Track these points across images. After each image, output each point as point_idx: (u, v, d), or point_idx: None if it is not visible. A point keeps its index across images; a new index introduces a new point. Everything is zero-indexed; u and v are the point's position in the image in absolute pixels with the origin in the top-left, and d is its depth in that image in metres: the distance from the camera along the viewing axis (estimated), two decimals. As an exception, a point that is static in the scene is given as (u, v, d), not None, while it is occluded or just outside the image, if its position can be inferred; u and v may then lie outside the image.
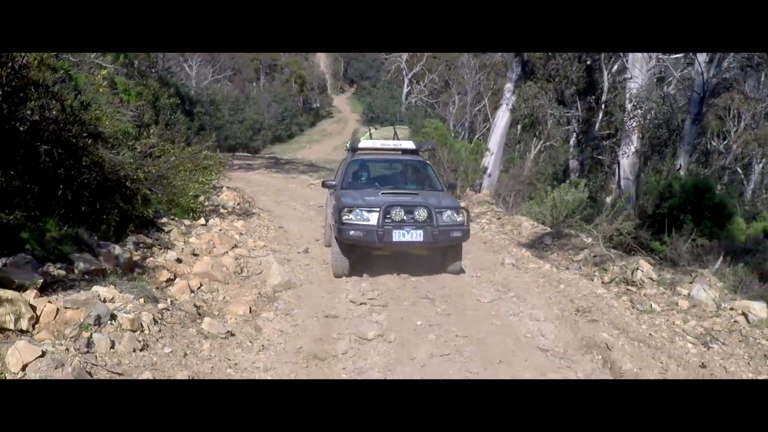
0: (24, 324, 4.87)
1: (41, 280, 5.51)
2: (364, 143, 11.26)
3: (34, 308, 4.99)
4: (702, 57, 12.69)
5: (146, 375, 4.44)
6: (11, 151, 7.37)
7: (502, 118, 19.47)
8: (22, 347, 4.31)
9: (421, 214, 8.87)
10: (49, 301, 5.11)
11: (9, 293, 4.98)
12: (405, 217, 8.89)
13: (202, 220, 10.48)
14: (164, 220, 9.76)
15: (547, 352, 5.78)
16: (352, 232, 8.81)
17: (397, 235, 8.78)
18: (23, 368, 4.20)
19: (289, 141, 50.94)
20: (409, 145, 11.24)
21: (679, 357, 5.59)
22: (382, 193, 9.45)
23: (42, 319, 4.96)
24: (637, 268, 8.65)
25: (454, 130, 40.63)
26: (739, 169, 22.73)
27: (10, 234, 6.66)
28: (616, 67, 17.45)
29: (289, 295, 7.44)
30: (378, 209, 8.86)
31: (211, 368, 4.93)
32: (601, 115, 17.00)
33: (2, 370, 4.16)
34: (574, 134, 18.29)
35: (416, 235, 8.82)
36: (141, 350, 4.85)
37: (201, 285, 7.03)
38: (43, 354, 4.32)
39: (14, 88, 6.91)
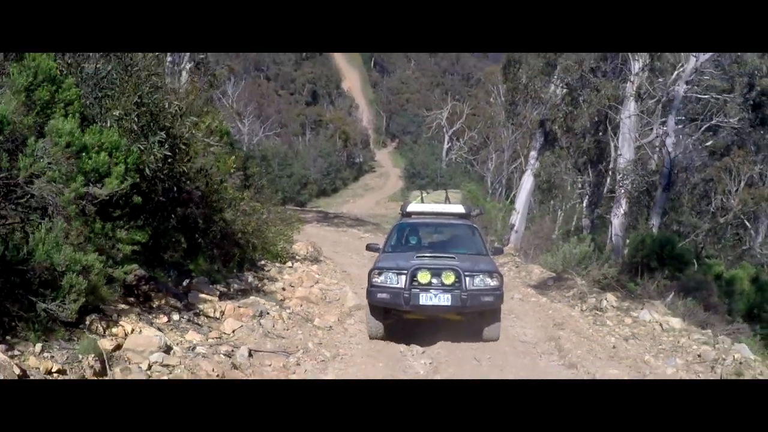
0: (217, 314, 8.99)
1: (218, 293, 9.69)
2: (414, 206, 11.80)
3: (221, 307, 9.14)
4: (670, 140, 16.66)
5: (299, 337, 8.51)
6: (173, 211, 11.52)
7: (527, 182, 23.57)
8: (230, 322, 8.42)
9: (448, 277, 9.15)
10: (229, 303, 9.26)
11: (209, 297, 9.17)
12: (432, 280, 9.16)
13: (289, 264, 14.57)
14: (262, 262, 13.87)
15: (524, 342, 9.69)
16: (380, 295, 9.24)
17: (425, 299, 9.09)
18: (233, 332, 8.28)
19: (333, 195, 55.11)
20: (459, 209, 11.61)
21: (602, 344, 9.51)
22: (417, 257, 9.76)
23: (226, 312, 9.06)
24: (604, 299, 12.59)
25: (491, 186, 44.59)
26: (747, 224, 26.34)
27: (180, 266, 10.83)
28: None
29: (360, 312, 11.36)
30: (406, 272, 9.19)
31: (326, 342, 8.97)
32: (608, 180, 20.94)
33: (222, 332, 8.21)
34: (587, 196, 22.29)
35: (444, 299, 9.10)
36: (286, 330, 8.95)
37: (302, 305, 11.08)
38: (241, 326, 8.43)
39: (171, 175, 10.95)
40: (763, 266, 20.81)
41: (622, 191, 16.34)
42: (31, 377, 5.33)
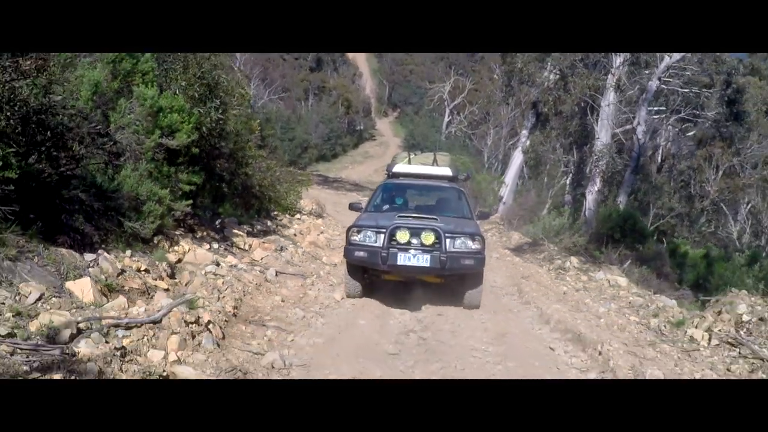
0: (246, 247, 11.38)
1: (245, 231, 12.08)
2: (401, 167, 12.00)
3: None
4: (640, 128, 19.04)
5: (312, 267, 10.91)
6: (208, 165, 13.86)
7: (516, 158, 26.00)
8: (258, 252, 10.83)
9: (427, 237, 9.09)
10: (255, 239, 11.65)
11: (239, 233, 11.58)
12: (412, 240, 9.11)
13: (298, 216, 16.96)
14: (275, 213, 16.24)
15: (493, 287, 12.07)
16: (357, 253, 9.30)
17: (402, 258, 9.04)
18: (261, 258, 10.68)
19: (333, 160, 57.10)
20: (446, 171, 11.82)
21: (556, 291, 11.91)
22: (399, 216, 9.70)
23: (254, 245, 11.46)
24: (568, 261, 15.01)
25: (488, 161, 46.80)
26: (726, 209, 28.76)
27: (212, 209, 13.19)
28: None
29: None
30: (384, 230, 9.17)
31: (333, 273, 11.35)
32: (590, 161, 23.31)
33: (252, 258, 10.60)
34: (571, 174, 24.69)
35: (422, 260, 9.06)
36: (301, 263, 11.36)
37: (312, 247, 13.47)
38: (267, 255, 10.83)
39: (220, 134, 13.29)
40: (728, 248, 23.20)
41: (597, 171, 18.72)
42: (126, 273, 7.70)
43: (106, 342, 5.22)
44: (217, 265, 9.09)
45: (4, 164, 6.71)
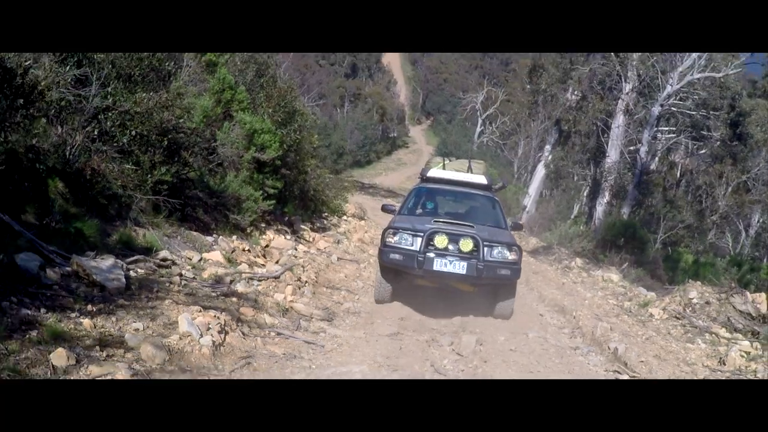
0: (310, 239, 14.79)
1: (309, 226, 15.52)
2: (435, 172, 11.85)
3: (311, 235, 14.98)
4: (643, 149, 22.27)
5: (362, 256, 14.28)
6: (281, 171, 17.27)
7: (540, 171, 29.30)
8: (321, 243, 14.25)
9: (466, 244, 9.14)
10: (316, 233, 15.08)
11: (304, 228, 15.01)
12: (449, 246, 9.18)
13: (344, 218, 20.33)
14: (325, 214, 19.63)
15: (506, 278, 15.35)
16: (392, 255, 9.32)
17: (439, 264, 9.09)
18: (324, 248, 14.08)
19: (367, 167, 60.32)
20: (481, 179, 11.63)
21: (557, 283, 15.17)
22: (435, 221, 9.79)
23: (316, 238, 14.87)
24: (573, 262, 18.28)
25: (517, 171, 49.85)
26: (739, 223, 31.75)
27: (280, 209, 16.63)
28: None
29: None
30: (422, 234, 9.21)
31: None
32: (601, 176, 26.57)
33: (317, 248, 13.99)
34: (588, 187, 27.94)
35: (459, 267, 9.10)
36: (354, 254, 14.74)
37: (360, 243, 16.81)
38: (327, 246, 14.24)
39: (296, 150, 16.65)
40: (724, 257, 26.22)
41: (606, 185, 21.98)
42: (235, 251, 11.09)
43: (249, 287, 8.64)
44: (295, 249, 12.50)
45: (165, 171, 10.18)
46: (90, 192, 9.32)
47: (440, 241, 9.19)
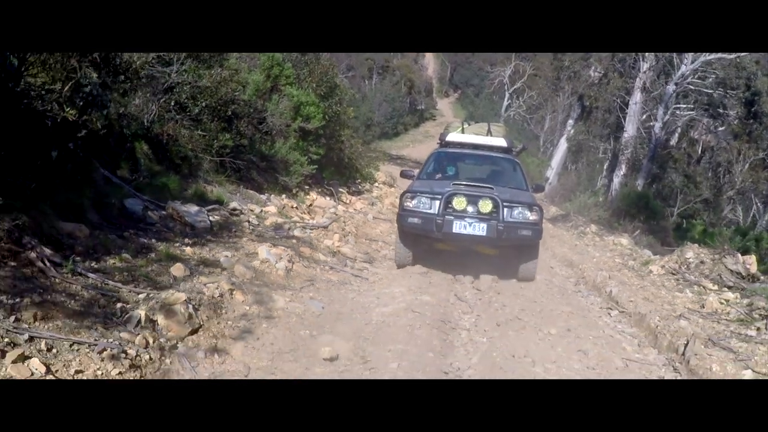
0: (347, 201, 16.62)
1: (346, 190, 17.37)
2: (454, 136, 11.99)
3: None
4: (657, 125, 23.86)
5: (394, 217, 16.12)
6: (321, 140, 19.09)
7: (562, 145, 30.96)
8: (358, 204, 16.09)
9: (485, 205, 9.14)
10: (352, 196, 16.92)
11: (342, 191, 16.87)
12: (468, 208, 9.20)
13: (375, 184, 22.13)
14: (357, 181, 21.44)
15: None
16: (410, 219, 9.37)
17: (458, 227, 9.12)
18: (360, 208, 15.91)
19: (394, 138, 61.53)
20: (501, 142, 11.71)
21: (570, 245, 16.93)
22: (454, 184, 9.75)
23: (353, 199, 16.71)
24: (588, 228, 20.02)
25: (543, 145, 51.33)
26: (754, 199, 33.25)
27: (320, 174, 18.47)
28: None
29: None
30: (440, 197, 9.24)
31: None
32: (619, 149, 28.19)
33: (354, 208, 15.81)
34: (607, 161, 29.57)
35: (479, 229, 9.11)
36: (386, 214, 16.57)
37: (390, 206, 18.60)
38: (363, 207, 16.07)
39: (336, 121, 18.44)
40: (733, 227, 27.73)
41: (623, 158, 23.63)
42: (285, 207, 12.94)
43: (303, 233, 10.50)
44: (336, 208, 14.35)
45: (228, 137, 12.04)
46: (167, 153, 11.22)
47: (459, 203, 9.22)
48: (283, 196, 13.50)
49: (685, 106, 26.83)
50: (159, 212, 8.95)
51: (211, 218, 9.42)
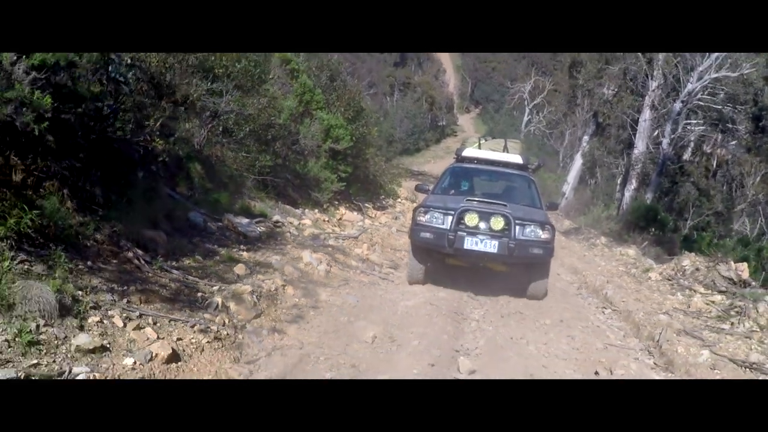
0: (373, 215, 18.29)
1: (371, 205, 19.04)
2: (470, 152, 12.20)
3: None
4: (665, 141, 25.38)
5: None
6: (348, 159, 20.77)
7: (577, 160, 32.53)
8: (383, 218, 17.76)
9: (497, 222, 9.32)
10: (377, 211, 18.59)
11: (369, 207, 18.56)
12: (480, 224, 9.37)
13: (398, 200, 23.76)
14: (381, 196, 23.08)
15: (536, 250, 18.69)
16: (423, 234, 9.58)
17: (469, 243, 9.32)
18: (385, 222, 17.57)
19: (416, 154, 62.51)
20: (516, 159, 11.92)
21: (580, 255, 18.49)
22: (467, 200, 9.93)
23: (378, 214, 18.36)
24: (598, 240, 21.57)
25: (562, 161, 52.62)
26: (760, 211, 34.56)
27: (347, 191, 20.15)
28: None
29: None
30: (453, 212, 9.43)
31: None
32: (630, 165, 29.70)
33: (380, 222, 17.47)
34: (621, 176, 31.12)
35: (490, 246, 9.30)
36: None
37: (411, 219, 20.24)
38: (387, 221, 17.73)
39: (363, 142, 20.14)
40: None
41: (634, 173, 25.18)
42: (318, 221, 14.61)
43: (337, 242, 12.18)
44: (363, 222, 16.02)
45: (268, 159, 13.75)
46: (216, 173, 12.95)
47: (471, 219, 9.39)
48: (316, 210, 15.19)
49: (695, 121, 28.29)
50: (216, 223, 10.67)
51: (258, 229, 11.13)
